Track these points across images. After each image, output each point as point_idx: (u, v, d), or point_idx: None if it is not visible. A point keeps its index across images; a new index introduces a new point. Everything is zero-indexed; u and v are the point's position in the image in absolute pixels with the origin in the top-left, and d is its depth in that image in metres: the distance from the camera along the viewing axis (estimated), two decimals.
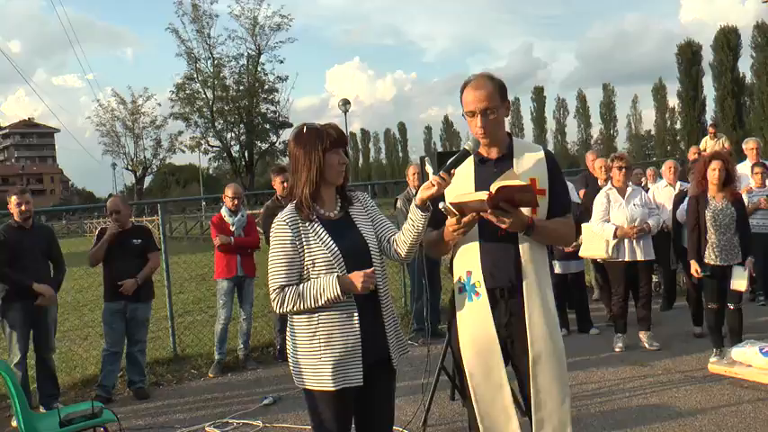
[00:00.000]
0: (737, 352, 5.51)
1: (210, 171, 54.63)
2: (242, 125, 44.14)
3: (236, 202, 6.94)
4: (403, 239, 2.86)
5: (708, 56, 56.65)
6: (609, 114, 79.47)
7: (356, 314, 2.74)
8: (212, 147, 45.55)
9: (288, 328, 2.89)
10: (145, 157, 52.19)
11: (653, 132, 76.37)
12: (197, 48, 43.11)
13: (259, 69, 43.94)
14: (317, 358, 2.73)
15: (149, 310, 6.35)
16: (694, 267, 5.86)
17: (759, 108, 53.24)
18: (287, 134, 46.92)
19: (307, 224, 2.76)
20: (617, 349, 6.52)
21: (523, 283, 2.87)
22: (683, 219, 6.89)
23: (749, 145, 8.79)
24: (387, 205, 11.79)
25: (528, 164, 2.98)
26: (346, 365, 2.73)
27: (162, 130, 50.06)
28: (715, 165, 5.82)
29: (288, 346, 2.90)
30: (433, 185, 2.70)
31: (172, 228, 29.31)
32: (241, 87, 43.67)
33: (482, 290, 2.88)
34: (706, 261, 5.83)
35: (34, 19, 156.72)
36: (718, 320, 5.95)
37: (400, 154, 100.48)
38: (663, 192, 7.83)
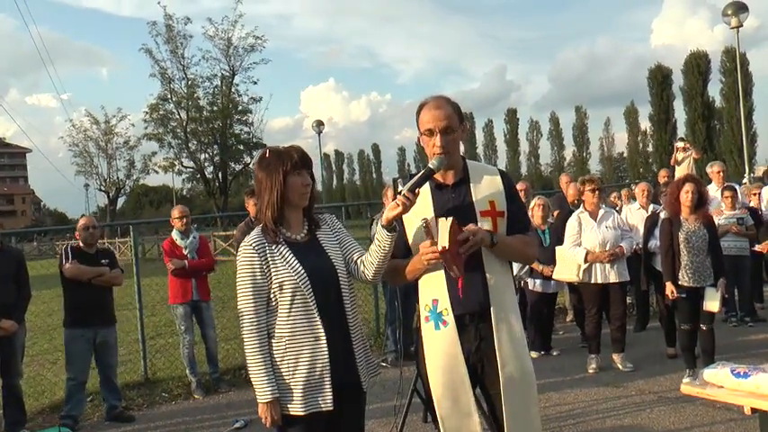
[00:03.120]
0: (710, 373, 5.49)
1: (184, 192, 54.29)
2: (216, 146, 43.90)
3: (185, 222, 6.80)
4: (370, 260, 2.84)
5: (678, 80, 57.68)
6: (582, 137, 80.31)
7: (324, 337, 2.71)
8: (186, 168, 45.28)
9: None
10: (118, 177, 51.56)
11: (625, 155, 77.37)
12: (171, 68, 42.94)
13: (233, 90, 43.87)
14: (285, 382, 2.72)
15: (116, 332, 6.21)
16: (670, 289, 5.90)
17: (729, 132, 54.18)
18: None
19: (273, 247, 2.75)
20: (591, 370, 6.54)
21: (491, 308, 2.84)
22: (655, 246, 6.97)
23: (714, 169, 8.97)
24: (360, 227, 11.75)
25: (485, 187, 2.96)
26: (315, 389, 2.71)
27: (135, 150, 49.58)
28: (688, 187, 5.89)
29: None
30: (398, 205, 2.68)
31: (144, 249, 28.96)
32: (215, 108, 43.49)
33: (449, 318, 2.82)
34: (680, 283, 5.88)
35: (7, 38, 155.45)
36: (692, 341, 6.00)
37: (374, 175, 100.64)
38: (636, 214, 7.91)
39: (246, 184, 52.83)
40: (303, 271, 2.72)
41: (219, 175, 45.01)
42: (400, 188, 3.58)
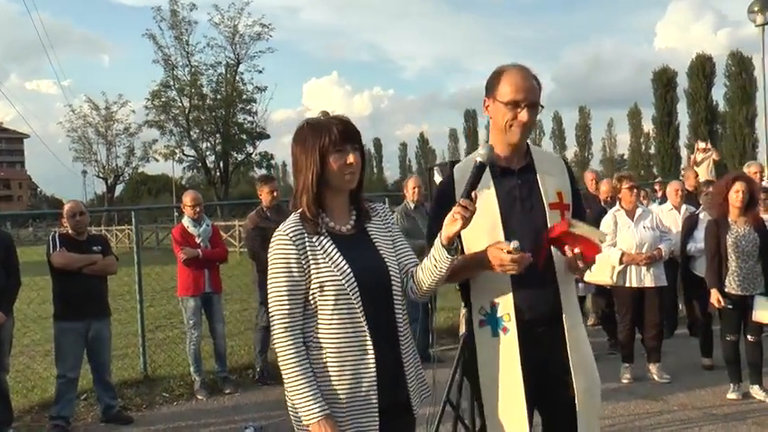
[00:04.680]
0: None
1: (184, 181, 53.74)
2: (218, 135, 43.35)
3: (197, 210, 6.37)
4: (422, 278, 2.36)
5: (683, 83, 57.34)
6: (584, 137, 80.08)
7: (371, 350, 2.24)
8: (187, 156, 44.77)
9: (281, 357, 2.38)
10: (117, 164, 50.97)
11: (626, 156, 77.01)
12: (174, 55, 42.43)
13: (237, 79, 43.33)
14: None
15: (110, 325, 5.73)
16: (716, 297, 5.44)
17: (731, 136, 53.82)
18: (264, 145, 46.31)
19: (314, 239, 2.27)
20: (624, 380, 6.08)
21: (563, 314, 2.53)
22: (694, 250, 6.52)
23: (752, 169, 8.48)
24: None
25: (552, 175, 2.63)
26: (360, 411, 2.24)
27: (136, 137, 48.99)
28: (739, 186, 5.43)
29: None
30: (457, 218, 2.19)
31: (143, 237, 28.53)
32: (218, 96, 42.95)
33: (511, 324, 2.49)
34: (727, 290, 5.43)
35: (9, 23, 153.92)
36: (737, 353, 5.56)
37: (375, 170, 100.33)
38: (668, 215, 7.43)
39: (248, 175, 52.46)
40: (350, 270, 2.24)
41: (221, 164, 44.51)
42: (437, 177, 3.14)
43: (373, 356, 2.24)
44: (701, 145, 13.19)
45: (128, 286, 9.28)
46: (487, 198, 2.49)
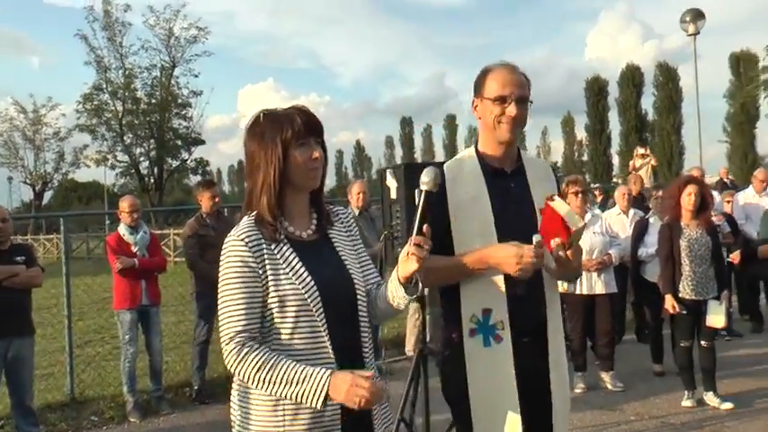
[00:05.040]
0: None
1: (116, 188, 52.04)
2: (152, 140, 42.01)
3: (135, 217, 5.96)
4: (379, 304, 2.11)
5: (613, 92, 58.88)
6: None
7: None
8: (120, 162, 43.25)
9: (235, 386, 2.06)
10: (45, 170, 48.91)
11: (560, 163, 78.63)
12: (107, 56, 40.97)
13: (173, 82, 42.20)
14: None
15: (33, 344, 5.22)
16: (670, 302, 5.33)
17: (660, 144, 55.42)
18: (199, 151, 45.12)
19: (272, 246, 1.97)
20: (578, 390, 5.93)
21: (548, 325, 2.47)
22: (645, 255, 6.46)
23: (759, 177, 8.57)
24: None
25: (541, 180, 2.57)
26: None
27: (66, 142, 47.08)
28: (691, 189, 5.35)
29: (233, 412, 2.06)
30: (412, 258, 1.91)
31: (72, 247, 27.37)
32: (153, 100, 41.70)
33: (505, 333, 2.39)
34: (680, 295, 5.34)
35: None
36: (691, 360, 5.47)
37: None
38: (616, 220, 7.36)
39: (182, 182, 51.11)
40: (313, 284, 1.95)
41: (155, 170, 43.24)
42: (390, 180, 2.96)
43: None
44: (641, 151, 13.38)
45: (55, 299, 8.73)
46: (480, 199, 2.43)
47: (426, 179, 2.05)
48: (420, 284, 2.03)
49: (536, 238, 2.29)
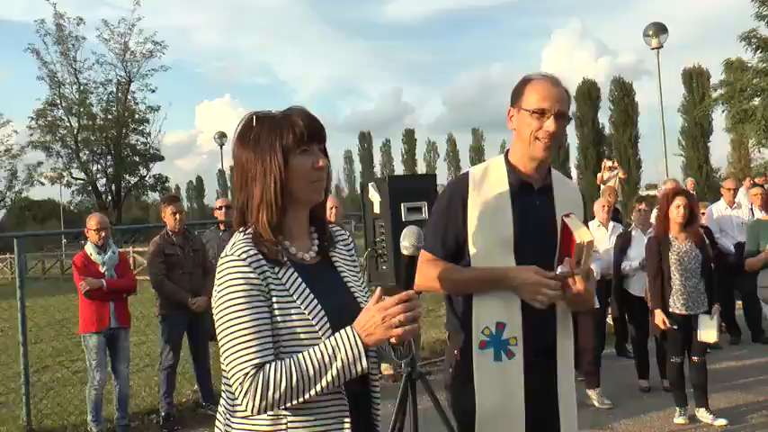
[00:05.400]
0: None
1: (72, 207, 50.70)
2: (109, 157, 41.14)
3: (102, 235, 5.62)
4: None
5: (571, 106, 60.05)
6: (478, 158, 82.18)
7: (347, 419, 1.69)
8: (76, 179, 42.18)
9: (222, 410, 1.77)
10: None
11: None
12: (61, 71, 40.04)
13: (129, 98, 41.41)
14: None
15: None
16: (660, 318, 5.18)
17: (617, 157, 56.40)
18: (157, 168, 44.27)
19: (276, 270, 1.70)
20: None
21: (557, 344, 2.40)
22: (629, 269, 6.33)
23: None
24: None
25: (568, 201, 2.48)
26: None
27: (18, 160, 45.72)
28: (679, 201, 5.22)
29: None
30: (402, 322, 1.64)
31: (27, 267, 26.46)
32: (109, 116, 40.83)
33: (517, 349, 2.32)
34: (671, 310, 5.19)
35: None
36: (683, 376, 5.32)
37: None
38: (595, 232, 7.22)
39: (140, 199, 50.12)
40: (324, 314, 1.69)
41: (113, 187, 42.26)
42: (373, 193, 2.84)
43: (350, 425, 1.69)
44: (608, 163, 13.37)
45: (8, 322, 8.24)
46: (502, 212, 2.35)
47: (407, 243, 1.78)
48: (412, 348, 1.80)
49: (561, 268, 2.23)
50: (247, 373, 1.58)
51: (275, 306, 1.65)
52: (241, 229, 1.75)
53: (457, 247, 2.40)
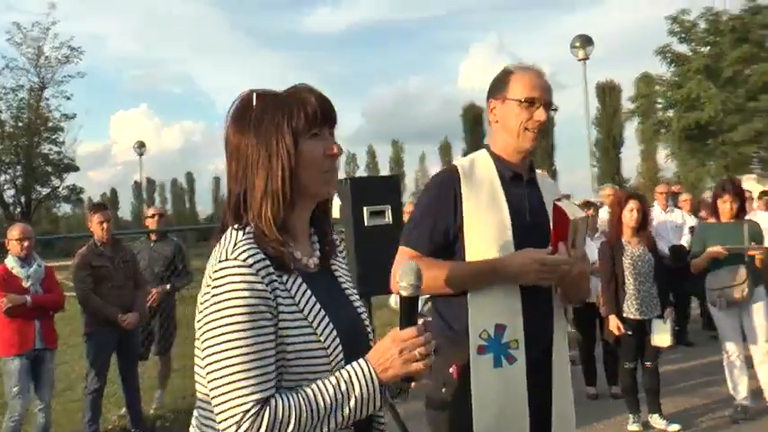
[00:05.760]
0: None
1: None
2: (19, 166, 39.10)
3: (26, 246, 5.13)
4: None
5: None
6: (398, 170, 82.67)
7: None
8: None
9: None
10: None
11: None
12: None
13: (42, 105, 39.48)
14: None
15: None
16: (615, 324, 5.10)
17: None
18: (71, 178, 42.37)
19: (285, 279, 1.42)
20: None
21: (553, 345, 2.30)
22: None
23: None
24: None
25: (550, 193, 2.43)
26: None
27: None
28: (632, 205, 5.18)
29: None
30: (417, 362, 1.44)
31: None
32: (20, 123, 38.81)
33: (519, 353, 2.19)
34: (625, 315, 5.12)
35: None
36: (636, 382, 5.26)
37: (187, 205, 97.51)
38: None
39: (52, 211, 47.79)
40: (336, 335, 1.43)
41: (22, 199, 40.14)
42: (335, 213, 2.58)
43: None
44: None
45: None
46: (497, 205, 2.26)
47: (406, 283, 1.48)
48: (407, 393, 1.56)
49: (560, 245, 2.18)
50: (247, 411, 1.31)
51: (281, 324, 1.38)
52: (236, 226, 1.45)
53: (446, 242, 2.27)
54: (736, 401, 5.28)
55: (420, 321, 1.47)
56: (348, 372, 1.38)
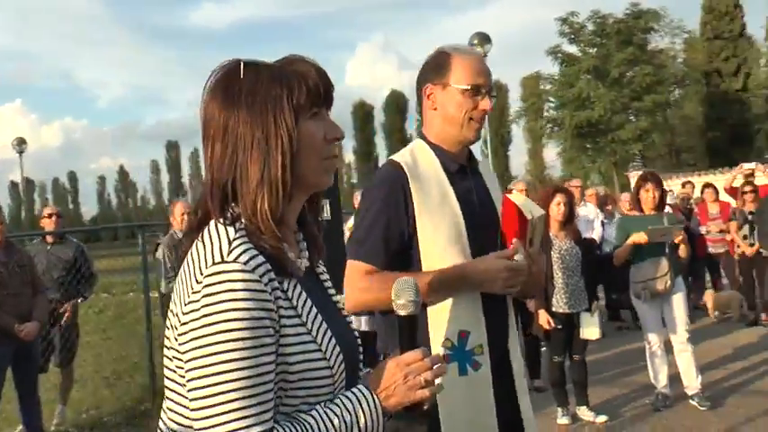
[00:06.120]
0: None
1: None
2: None
3: None
4: None
5: (379, 116, 62.26)
6: None
7: None
8: None
9: None
10: None
11: None
12: None
13: None
14: None
15: None
16: (545, 318, 5.10)
17: None
18: None
19: (285, 283, 1.21)
20: None
21: (510, 350, 2.21)
22: None
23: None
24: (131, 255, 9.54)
25: (493, 183, 2.32)
26: None
27: None
28: (559, 199, 5.20)
29: None
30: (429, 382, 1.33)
31: None
32: None
33: (484, 359, 2.07)
34: (554, 309, 5.13)
35: None
36: (564, 375, 5.30)
37: (71, 205, 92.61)
38: None
39: None
40: (339, 350, 1.26)
41: None
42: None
43: None
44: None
45: None
46: (448, 201, 2.08)
47: (402, 302, 1.33)
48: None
49: (515, 242, 2.02)
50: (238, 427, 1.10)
51: (283, 341, 1.17)
52: (222, 221, 1.21)
53: (401, 248, 2.05)
54: (656, 390, 5.41)
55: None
56: (351, 401, 1.22)
